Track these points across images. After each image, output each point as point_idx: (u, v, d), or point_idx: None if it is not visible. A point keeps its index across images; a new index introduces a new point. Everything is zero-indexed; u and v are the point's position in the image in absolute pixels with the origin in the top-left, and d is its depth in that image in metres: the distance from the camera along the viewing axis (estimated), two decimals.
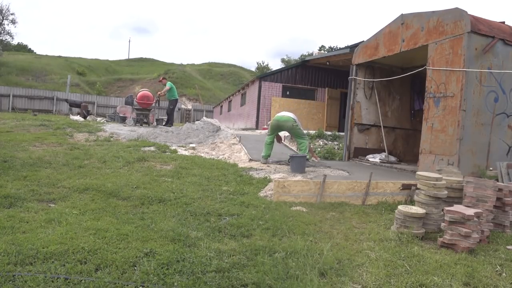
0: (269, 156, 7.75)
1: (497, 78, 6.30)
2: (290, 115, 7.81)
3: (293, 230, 3.74)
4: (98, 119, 15.78)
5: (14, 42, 50.95)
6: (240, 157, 8.30)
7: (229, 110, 25.69)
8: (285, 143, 9.65)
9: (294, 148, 9.94)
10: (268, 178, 6.10)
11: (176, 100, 14.29)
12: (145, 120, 13.79)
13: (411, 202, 5.11)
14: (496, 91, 6.31)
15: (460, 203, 4.21)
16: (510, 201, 4.24)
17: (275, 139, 7.93)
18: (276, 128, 7.82)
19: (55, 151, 7.22)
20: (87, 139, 9.20)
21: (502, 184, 4.48)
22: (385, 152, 9.15)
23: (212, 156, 8.43)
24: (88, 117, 15.92)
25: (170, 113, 14.46)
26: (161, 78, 15.17)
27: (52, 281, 2.36)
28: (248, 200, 4.76)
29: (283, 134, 10.13)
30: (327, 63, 16.18)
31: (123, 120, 14.80)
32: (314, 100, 17.31)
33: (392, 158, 9.15)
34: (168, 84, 14.10)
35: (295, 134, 7.82)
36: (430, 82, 6.78)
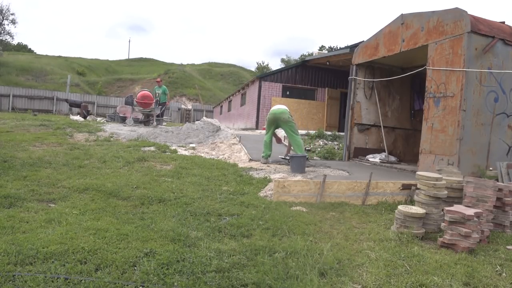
0: (269, 156, 7.72)
1: (497, 78, 6.29)
2: (285, 107, 7.75)
3: (293, 230, 3.74)
4: (98, 119, 15.78)
5: (14, 42, 51.03)
6: (240, 157, 8.29)
7: (229, 110, 25.68)
8: (285, 143, 9.65)
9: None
10: (268, 178, 6.10)
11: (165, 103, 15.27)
12: (151, 120, 13.94)
13: (411, 202, 5.11)
14: (496, 91, 6.31)
15: (460, 203, 4.21)
16: (510, 201, 4.24)
17: (273, 140, 7.87)
18: (273, 121, 7.65)
19: (55, 151, 7.22)
20: (87, 139, 9.20)
21: (502, 184, 4.47)
22: (385, 152, 9.15)
23: (212, 156, 8.43)
24: (88, 117, 15.91)
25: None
26: (159, 79, 15.80)
27: (52, 281, 2.36)
28: (248, 200, 4.76)
29: (282, 135, 10.12)
30: (327, 63, 16.17)
31: (123, 120, 14.81)
32: (314, 100, 17.31)
33: (392, 158, 9.15)
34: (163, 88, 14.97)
35: (290, 128, 7.55)
36: (430, 82, 6.78)
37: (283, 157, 7.93)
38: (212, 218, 3.95)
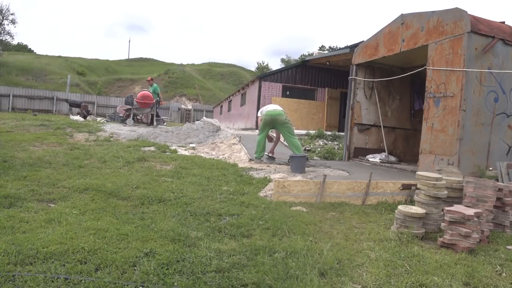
0: (262, 156, 7.73)
1: (497, 78, 6.29)
2: (280, 108, 7.73)
3: (293, 230, 3.74)
4: (98, 119, 15.77)
5: (14, 42, 51.01)
6: (240, 157, 8.29)
7: (229, 110, 25.68)
8: (285, 143, 9.64)
9: None
10: (268, 178, 6.10)
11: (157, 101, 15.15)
12: (144, 120, 13.92)
13: (411, 202, 5.11)
14: (496, 91, 6.31)
15: (460, 203, 4.21)
16: (510, 201, 4.24)
17: (266, 140, 7.85)
18: (270, 123, 7.59)
19: (55, 151, 7.22)
20: (87, 139, 9.20)
21: (502, 184, 4.47)
22: (385, 152, 9.15)
23: (212, 156, 8.43)
24: (88, 117, 15.91)
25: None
26: (149, 78, 15.93)
27: (52, 281, 2.36)
28: (248, 200, 4.76)
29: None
30: (327, 63, 16.17)
31: (123, 120, 14.81)
32: (314, 100, 17.31)
33: (392, 158, 9.15)
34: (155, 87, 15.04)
35: (286, 130, 7.51)
36: (430, 82, 6.78)
37: (267, 154, 8.00)
38: (212, 218, 3.95)
